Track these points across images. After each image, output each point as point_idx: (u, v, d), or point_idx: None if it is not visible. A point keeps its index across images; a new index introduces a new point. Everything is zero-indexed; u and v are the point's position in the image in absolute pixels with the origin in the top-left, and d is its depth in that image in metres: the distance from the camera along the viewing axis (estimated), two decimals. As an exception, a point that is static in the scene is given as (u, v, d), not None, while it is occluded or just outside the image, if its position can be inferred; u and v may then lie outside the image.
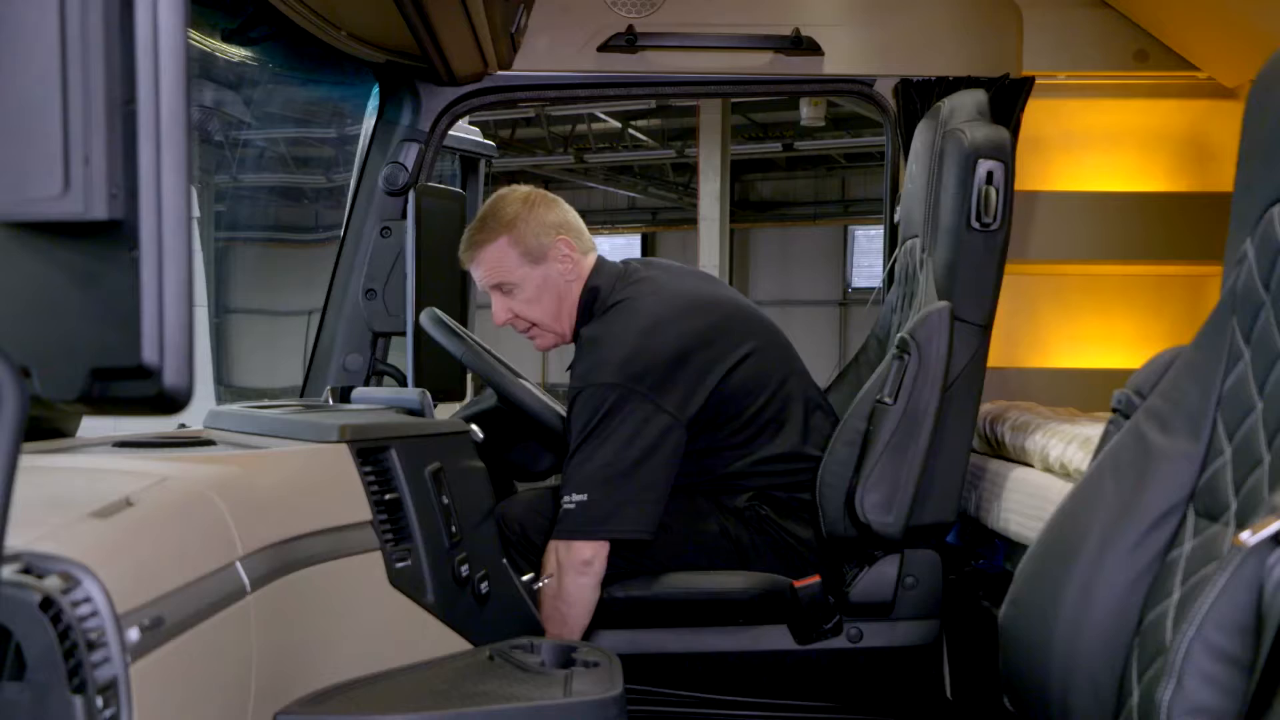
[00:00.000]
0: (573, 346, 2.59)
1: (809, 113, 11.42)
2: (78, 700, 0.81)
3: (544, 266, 2.54)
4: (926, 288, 2.51)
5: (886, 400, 2.40)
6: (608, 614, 2.44)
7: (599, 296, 2.54)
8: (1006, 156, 2.45)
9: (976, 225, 2.44)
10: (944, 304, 2.42)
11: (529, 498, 2.61)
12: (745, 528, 2.50)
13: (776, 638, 2.50)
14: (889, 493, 2.40)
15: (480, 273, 2.57)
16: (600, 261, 2.61)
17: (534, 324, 2.59)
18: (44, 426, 1.61)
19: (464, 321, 2.56)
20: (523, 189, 2.62)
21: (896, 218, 2.96)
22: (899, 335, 2.46)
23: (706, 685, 2.54)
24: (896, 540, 2.44)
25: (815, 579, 2.45)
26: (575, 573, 2.37)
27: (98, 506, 1.00)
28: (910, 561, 2.50)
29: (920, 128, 2.75)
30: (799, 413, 2.57)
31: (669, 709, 2.53)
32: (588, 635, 2.44)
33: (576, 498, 2.36)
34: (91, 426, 1.74)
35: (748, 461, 2.52)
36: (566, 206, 2.63)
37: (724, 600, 2.47)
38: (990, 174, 2.43)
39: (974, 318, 2.46)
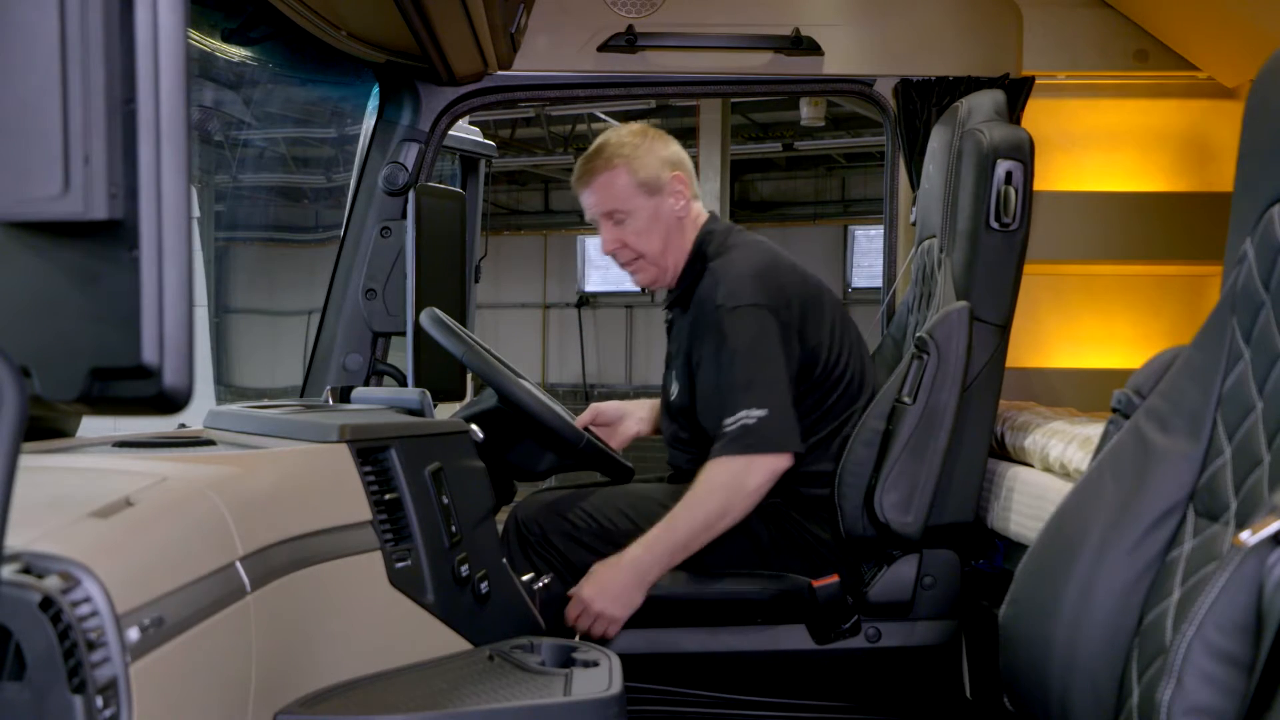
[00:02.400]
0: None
1: (809, 113, 11.39)
2: (77, 700, 0.81)
3: (658, 199, 2.57)
4: (945, 288, 2.52)
5: (905, 400, 2.41)
6: None
7: (714, 239, 2.58)
8: (1025, 157, 2.45)
9: (995, 225, 2.44)
10: (963, 304, 2.42)
11: (546, 499, 2.60)
12: (765, 525, 2.50)
13: (794, 637, 2.50)
14: (908, 492, 2.40)
15: (592, 199, 2.60)
16: (711, 214, 2.67)
17: (640, 255, 2.61)
18: (44, 426, 1.61)
19: (464, 321, 2.55)
20: (635, 125, 2.67)
21: (913, 218, 2.96)
22: (918, 335, 2.47)
23: (724, 685, 2.54)
24: (915, 540, 2.45)
25: (833, 579, 2.45)
26: (766, 482, 2.38)
27: (97, 506, 1.00)
28: (929, 561, 2.51)
29: (937, 128, 2.75)
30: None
31: (686, 709, 2.53)
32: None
33: (756, 413, 2.36)
34: (91, 426, 1.74)
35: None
36: (679, 145, 2.67)
37: (742, 600, 2.47)
38: (1009, 174, 2.44)
39: (992, 318, 2.47)
